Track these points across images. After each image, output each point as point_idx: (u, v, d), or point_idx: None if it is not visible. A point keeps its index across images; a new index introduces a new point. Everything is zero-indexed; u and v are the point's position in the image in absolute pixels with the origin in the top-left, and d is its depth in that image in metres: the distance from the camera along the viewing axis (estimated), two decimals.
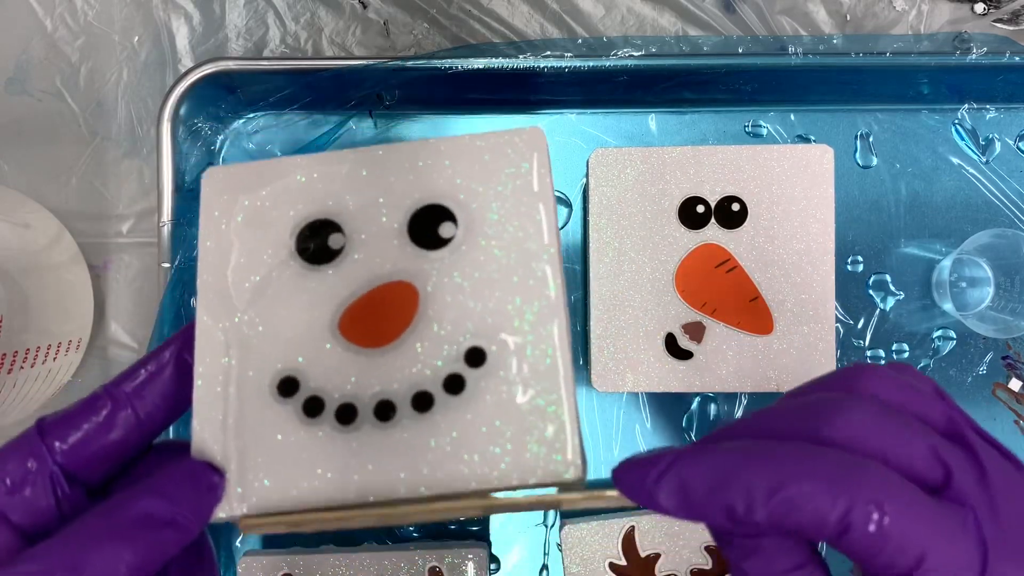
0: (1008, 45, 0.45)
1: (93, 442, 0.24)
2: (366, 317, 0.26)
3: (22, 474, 0.23)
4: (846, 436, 0.21)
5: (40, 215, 0.47)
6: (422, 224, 0.27)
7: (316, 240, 0.27)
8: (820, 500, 0.20)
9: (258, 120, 0.48)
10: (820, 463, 0.20)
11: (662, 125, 0.48)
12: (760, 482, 0.20)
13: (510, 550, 0.47)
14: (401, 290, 0.26)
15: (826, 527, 0.20)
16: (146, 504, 0.22)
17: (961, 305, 0.47)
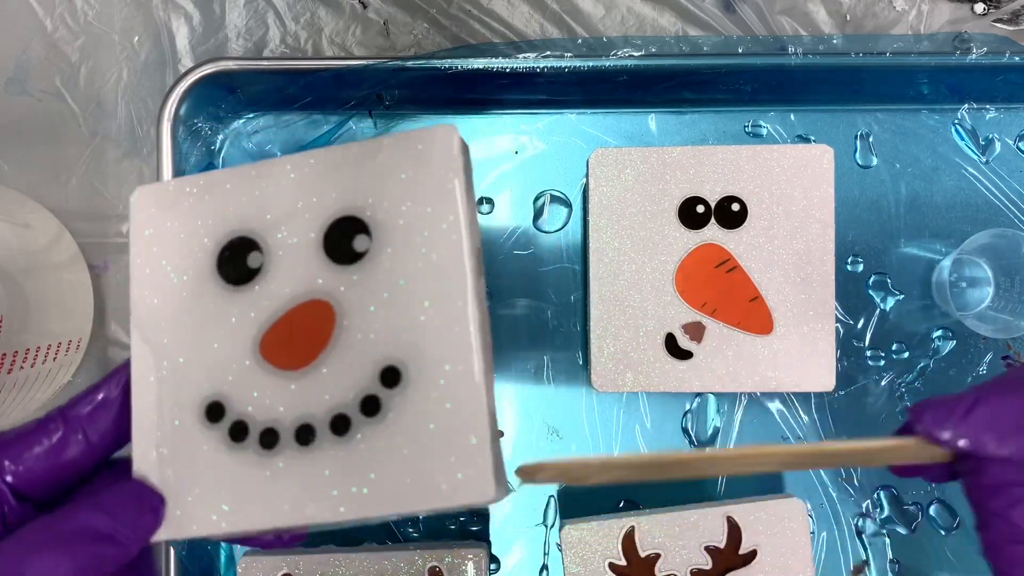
0: (1008, 45, 0.45)
1: (43, 463, 0.25)
2: (284, 339, 0.25)
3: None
4: None
5: (40, 215, 0.47)
6: (336, 238, 0.26)
7: (236, 260, 0.26)
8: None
9: (258, 120, 0.48)
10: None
11: (662, 125, 0.48)
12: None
13: (510, 550, 0.47)
14: (317, 309, 0.25)
15: None
16: (87, 518, 0.23)
17: (961, 305, 0.47)
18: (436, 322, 0.24)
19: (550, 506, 0.47)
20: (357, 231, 0.25)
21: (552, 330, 0.47)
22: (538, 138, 0.48)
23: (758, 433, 0.47)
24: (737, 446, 0.24)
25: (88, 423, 0.26)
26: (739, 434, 0.47)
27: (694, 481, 0.47)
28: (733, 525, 0.43)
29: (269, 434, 0.25)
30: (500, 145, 0.48)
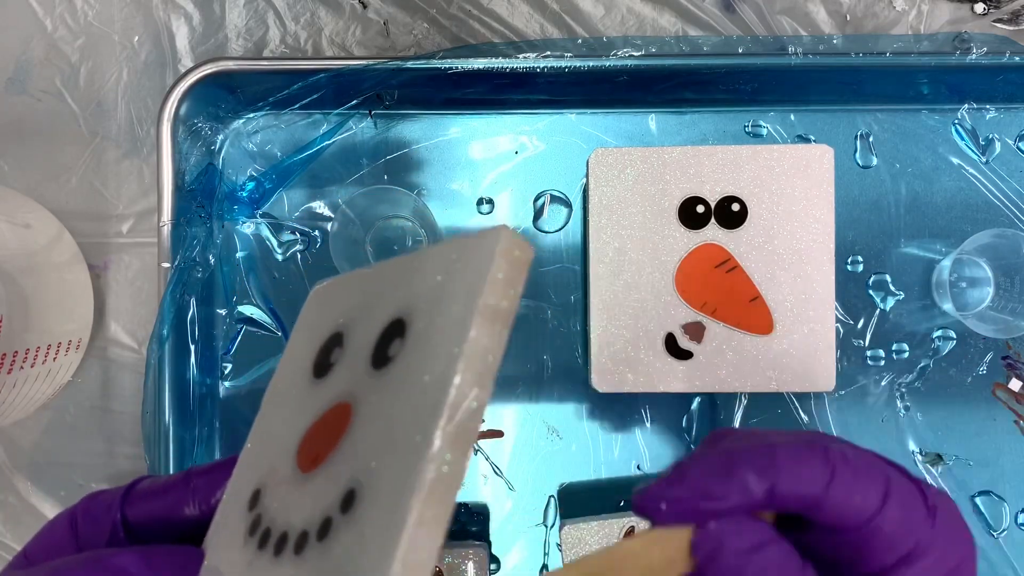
0: (1008, 45, 0.45)
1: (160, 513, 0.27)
2: (313, 439, 0.24)
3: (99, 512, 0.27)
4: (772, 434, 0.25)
5: (40, 215, 0.47)
6: (382, 341, 0.23)
7: (323, 354, 0.26)
8: (806, 456, 0.23)
9: (258, 120, 0.48)
10: (792, 441, 0.24)
11: (662, 125, 0.48)
12: (760, 459, 0.23)
13: (510, 550, 0.47)
14: (341, 412, 0.23)
15: (818, 477, 0.23)
16: (130, 560, 0.24)
17: (961, 305, 0.47)
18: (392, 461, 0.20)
19: (550, 506, 0.47)
20: (396, 335, 0.23)
21: (552, 330, 0.47)
22: (538, 138, 0.48)
23: None
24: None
25: (203, 489, 0.27)
26: None
27: None
28: None
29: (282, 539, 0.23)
30: (500, 145, 0.48)
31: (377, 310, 0.24)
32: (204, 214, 0.46)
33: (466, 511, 0.47)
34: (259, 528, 0.24)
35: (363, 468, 0.21)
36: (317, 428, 0.24)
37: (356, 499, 0.21)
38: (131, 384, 0.49)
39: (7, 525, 0.49)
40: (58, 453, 0.49)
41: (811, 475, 0.23)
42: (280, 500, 0.24)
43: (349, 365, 0.24)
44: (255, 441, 0.27)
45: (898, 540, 0.23)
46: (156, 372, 0.45)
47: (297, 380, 0.27)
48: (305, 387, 0.26)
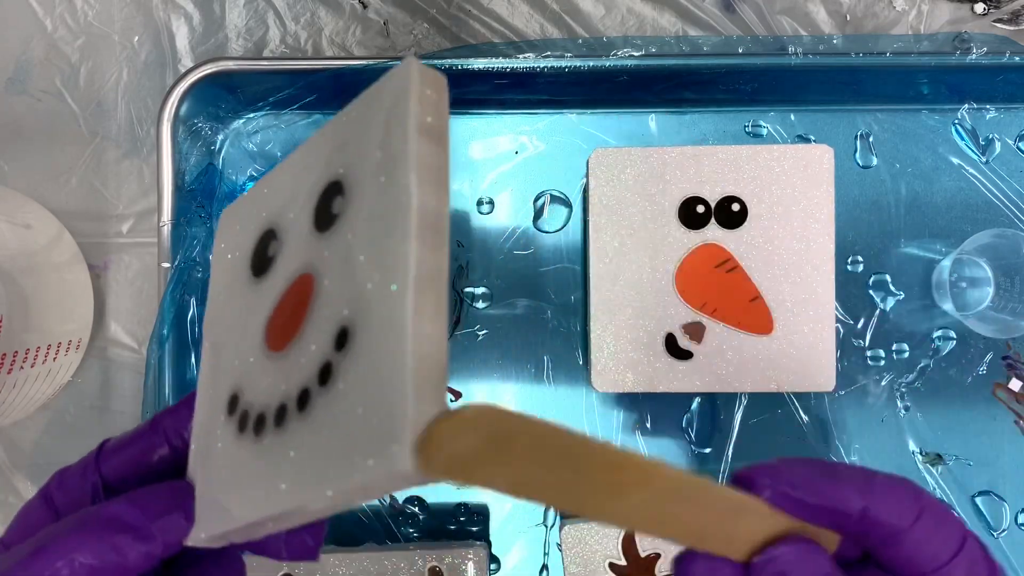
0: (1008, 45, 0.45)
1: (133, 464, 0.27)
2: (279, 320, 0.24)
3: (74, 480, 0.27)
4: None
5: (40, 215, 0.47)
6: (322, 206, 0.24)
7: (259, 252, 0.26)
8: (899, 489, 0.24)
9: (258, 120, 0.48)
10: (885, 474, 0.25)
11: (662, 125, 0.48)
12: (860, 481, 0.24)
13: (510, 550, 0.47)
14: (302, 284, 0.24)
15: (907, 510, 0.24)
16: (119, 509, 0.24)
17: (961, 305, 0.47)
18: (376, 276, 0.21)
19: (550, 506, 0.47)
20: (335, 194, 0.24)
21: (552, 330, 0.47)
22: (538, 138, 0.48)
23: (758, 433, 0.47)
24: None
25: (171, 427, 0.27)
26: (739, 434, 0.47)
27: None
28: None
29: (260, 420, 0.23)
30: (500, 145, 0.48)
31: (304, 189, 0.25)
32: (204, 214, 0.46)
33: (466, 511, 0.47)
34: (248, 420, 0.24)
35: (348, 304, 0.22)
36: (281, 308, 0.24)
37: (351, 333, 0.21)
38: (131, 384, 0.49)
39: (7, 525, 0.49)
40: (58, 453, 0.49)
41: (901, 509, 0.24)
42: (257, 388, 0.24)
43: (293, 245, 0.25)
44: (210, 365, 0.27)
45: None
46: (156, 372, 0.45)
47: (237, 291, 0.27)
48: (250, 289, 0.26)
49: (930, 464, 0.47)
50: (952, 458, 0.47)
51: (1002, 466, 0.47)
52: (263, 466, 0.23)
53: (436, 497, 0.47)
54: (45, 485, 0.27)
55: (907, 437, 0.47)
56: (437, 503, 0.47)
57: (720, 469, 0.47)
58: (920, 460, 0.47)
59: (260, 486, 0.22)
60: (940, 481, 0.47)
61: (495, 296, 0.47)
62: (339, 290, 0.22)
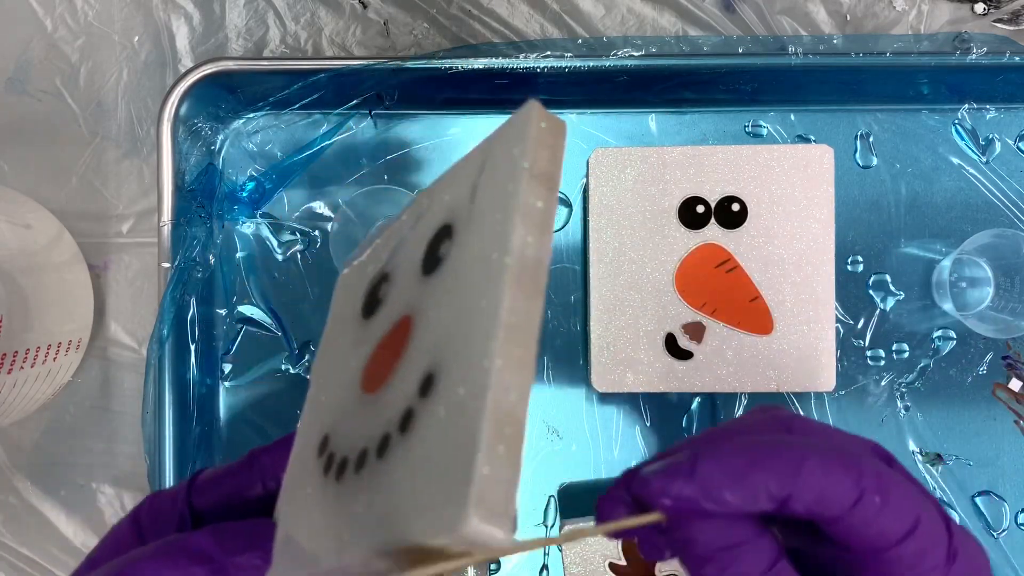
0: (1008, 45, 0.45)
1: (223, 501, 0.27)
2: (376, 363, 0.23)
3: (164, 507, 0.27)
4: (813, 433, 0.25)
5: (40, 215, 0.47)
6: (431, 249, 0.23)
7: (371, 294, 0.26)
8: (837, 474, 0.22)
9: (258, 120, 0.48)
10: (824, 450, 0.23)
11: (662, 125, 0.48)
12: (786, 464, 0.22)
13: None
14: (402, 327, 0.23)
15: (843, 496, 0.22)
16: (201, 540, 0.24)
17: (961, 305, 0.47)
18: (466, 319, 0.20)
19: (550, 506, 0.47)
20: (444, 238, 0.23)
21: (552, 330, 0.47)
22: None
23: None
24: None
25: (268, 466, 0.27)
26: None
27: None
28: None
29: (343, 464, 0.22)
30: None
31: (419, 233, 0.24)
32: (204, 214, 0.46)
33: None
34: (332, 465, 0.23)
35: (438, 351, 0.20)
36: (379, 351, 0.24)
37: (435, 380, 0.20)
38: (131, 384, 0.49)
39: (7, 525, 0.49)
40: (58, 453, 0.49)
41: (834, 495, 0.22)
42: (347, 430, 0.23)
43: (400, 287, 0.24)
44: (311, 406, 0.26)
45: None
46: (156, 372, 0.45)
47: (346, 332, 0.26)
48: (356, 330, 0.25)
49: (930, 464, 0.47)
50: (952, 458, 0.47)
51: (1002, 466, 0.47)
52: (337, 508, 0.22)
53: None
54: (137, 507, 0.27)
55: (907, 437, 0.47)
56: None
57: None
58: (920, 460, 0.47)
59: (333, 528, 0.21)
60: (940, 481, 0.47)
61: None
62: (432, 334, 0.21)
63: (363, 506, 0.21)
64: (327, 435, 0.24)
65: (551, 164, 0.21)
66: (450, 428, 0.19)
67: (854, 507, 0.22)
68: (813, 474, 0.22)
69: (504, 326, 0.19)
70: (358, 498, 0.21)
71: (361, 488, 0.21)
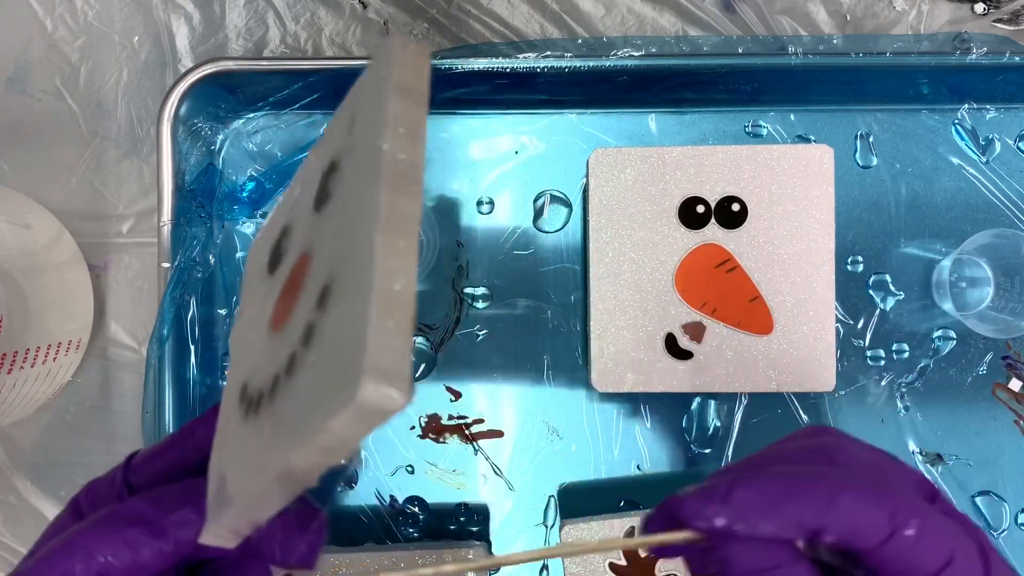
0: (1008, 45, 0.45)
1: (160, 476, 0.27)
2: (281, 304, 0.25)
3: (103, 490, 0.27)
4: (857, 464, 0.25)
5: (40, 215, 0.47)
6: (320, 188, 0.25)
7: (275, 250, 0.27)
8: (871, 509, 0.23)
9: (258, 120, 0.48)
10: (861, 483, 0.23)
11: (662, 125, 0.48)
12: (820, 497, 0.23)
13: (510, 550, 0.47)
14: (301, 264, 0.24)
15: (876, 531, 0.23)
16: (138, 505, 0.24)
17: (961, 305, 0.47)
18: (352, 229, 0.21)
19: (550, 506, 0.47)
20: (332, 172, 0.24)
21: (552, 330, 0.47)
22: (538, 138, 0.48)
23: (758, 433, 0.47)
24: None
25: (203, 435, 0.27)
26: (739, 434, 0.47)
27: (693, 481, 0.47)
28: None
29: (259, 398, 0.23)
30: (500, 145, 0.48)
31: (310, 180, 0.25)
32: (204, 214, 0.46)
33: (466, 511, 0.47)
34: (251, 406, 0.24)
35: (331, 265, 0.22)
36: (283, 293, 0.25)
37: (327, 292, 0.21)
38: (131, 384, 0.49)
39: (7, 525, 0.49)
40: (58, 453, 0.49)
41: (867, 529, 0.23)
42: (260, 369, 0.24)
43: (298, 233, 0.25)
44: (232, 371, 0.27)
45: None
46: (156, 372, 0.45)
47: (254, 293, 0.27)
48: (263, 286, 0.27)
49: (930, 464, 0.47)
50: (952, 458, 0.47)
51: (1002, 466, 0.47)
52: (257, 438, 0.23)
53: (436, 497, 0.47)
54: (75, 496, 0.27)
55: (907, 437, 0.47)
56: (437, 503, 0.47)
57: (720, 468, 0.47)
58: (920, 460, 0.47)
59: (255, 459, 0.22)
60: (940, 481, 0.47)
61: (495, 296, 0.47)
62: (326, 258, 0.23)
63: (275, 422, 0.22)
64: (244, 384, 0.25)
65: (416, 80, 0.22)
66: (343, 322, 0.20)
67: (886, 542, 0.23)
68: (846, 508, 0.23)
69: (384, 219, 0.20)
70: (274, 415, 0.22)
71: (275, 407, 0.22)
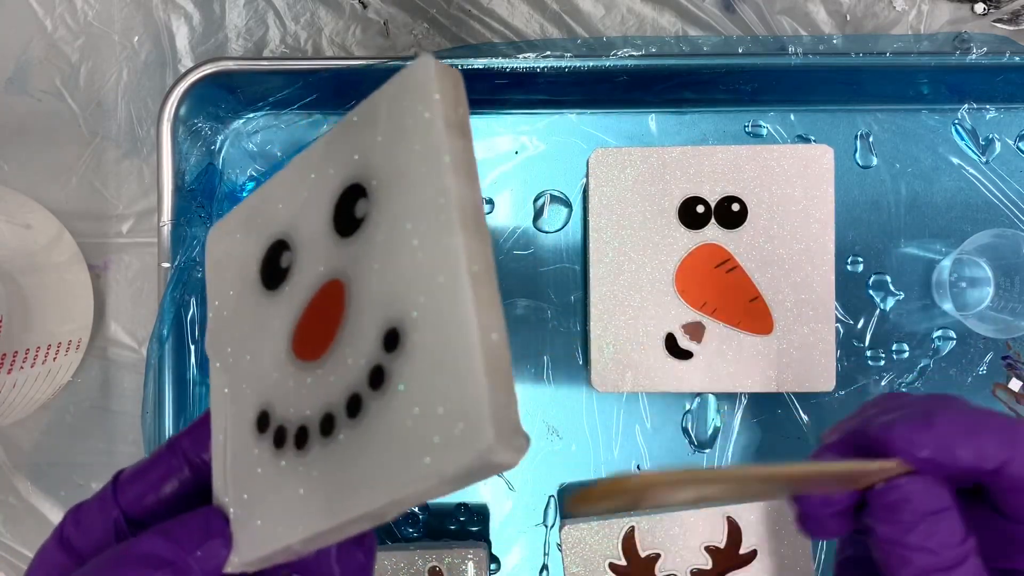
0: (1008, 45, 0.45)
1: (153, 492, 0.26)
2: (308, 331, 0.24)
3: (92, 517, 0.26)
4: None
5: (40, 215, 0.47)
6: (342, 210, 0.24)
7: (271, 264, 0.26)
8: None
9: (258, 120, 0.48)
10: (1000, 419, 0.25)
11: (662, 125, 0.48)
12: (1005, 432, 0.24)
13: (510, 550, 0.47)
14: (332, 291, 0.24)
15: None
16: (151, 544, 0.23)
17: (961, 305, 0.47)
18: (428, 270, 0.21)
19: (550, 506, 0.47)
20: (357, 197, 0.23)
21: (552, 330, 0.47)
22: (538, 138, 0.48)
23: (758, 433, 0.47)
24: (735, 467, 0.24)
25: (191, 449, 0.26)
26: (739, 434, 0.47)
27: None
28: (733, 525, 0.43)
29: (301, 434, 0.23)
30: (500, 145, 0.48)
31: (316, 196, 0.25)
32: (204, 214, 0.46)
33: (466, 511, 0.47)
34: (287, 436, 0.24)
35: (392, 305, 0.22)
36: (309, 318, 0.24)
37: (401, 332, 0.21)
38: (131, 384, 0.49)
39: (7, 525, 0.49)
40: (58, 453, 0.49)
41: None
42: (298, 399, 0.24)
43: (312, 253, 0.25)
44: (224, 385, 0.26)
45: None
46: (156, 372, 0.45)
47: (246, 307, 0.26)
48: (263, 303, 0.26)
49: None
50: None
51: None
52: (316, 478, 0.22)
53: None
54: (59, 526, 0.26)
55: None
56: (437, 503, 0.47)
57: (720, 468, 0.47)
58: None
59: (314, 499, 0.22)
60: None
61: None
62: (378, 292, 0.22)
63: (356, 461, 0.22)
64: (264, 411, 0.25)
65: (461, 114, 0.23)
66: (441, 372, 0.21)
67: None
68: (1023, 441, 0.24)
69: (468, 271, 0.20)
70: (343, 457, 0.22)
71: (342, 449, 0.22)
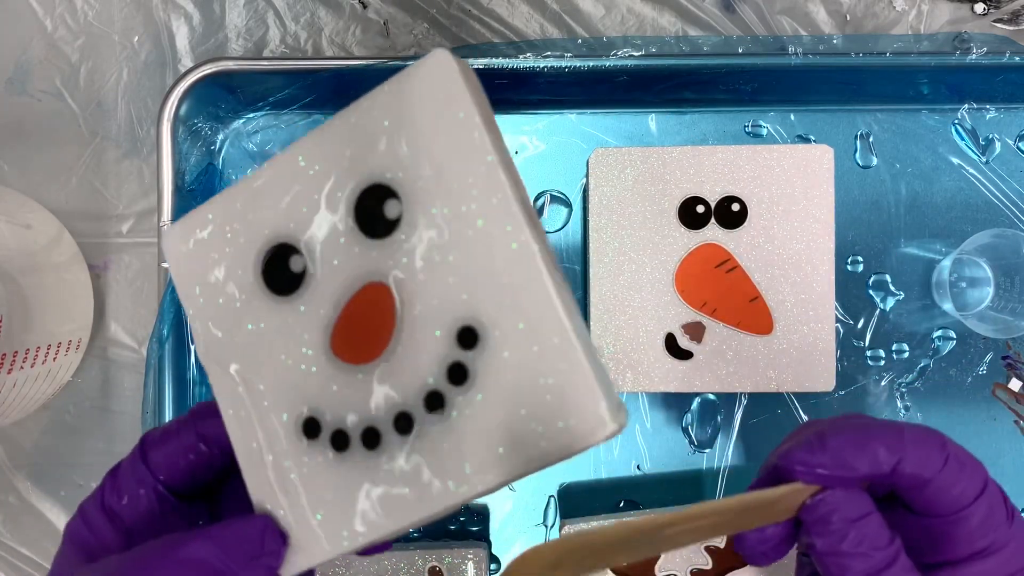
0: (1008, 45, 0.45)
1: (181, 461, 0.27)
2: (352, 334, 0.24)
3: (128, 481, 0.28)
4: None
5: (40, 215, 0.47)
6: (366, 213, 0.24)
7: (279, 270, 0.25)
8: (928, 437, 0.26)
9: (258, 120, 0.48)
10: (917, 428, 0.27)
11: (662, 125, 0.48)
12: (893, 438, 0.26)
13: (510, 550, 0.47)
14: (374, 293, 0.24)
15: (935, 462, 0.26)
16: (200, 549, 0.24)
17: (961, 305, 0.47)
18: (497, 265, 0.22)
19: (550, 506, 0.47)
20: (384, 198, 0.23)
21: None
22: (538, 138, 0.48)
23: (758, 433, 0.47)
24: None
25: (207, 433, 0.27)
26: (739, 434, 0.47)
27: (693, 481, 0.47)
28: None
29: (370, 435, 0.24)
30: None
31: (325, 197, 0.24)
32: None
33: (466, 511, 0.47)
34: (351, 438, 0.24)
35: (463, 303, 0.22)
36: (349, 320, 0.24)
37: (479, 330, 0.22)
38: (131, 384, 0.49)
39: (7, 525, 0.49)
40: (58, 453, 0.49)
41: (929, 459, 0.26)
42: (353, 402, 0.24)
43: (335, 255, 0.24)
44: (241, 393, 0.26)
45: (979, 534, 0.26)
46: (156, 372, 0.45)
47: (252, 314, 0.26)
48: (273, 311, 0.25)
49: None
50: None
51: (1002, 466, 0.47)
52: (407, 473, 0.23)
53: None
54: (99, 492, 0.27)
55: None
56: None
57: (720, 468, 0.47)
58: None
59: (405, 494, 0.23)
60: None
61: None
62: (441, 292, 0.23)
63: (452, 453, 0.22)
64: (311, 417, 0.25)
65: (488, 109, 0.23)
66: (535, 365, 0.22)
67: (943, 469, 0.26)
68: (912, 442, 0.26)
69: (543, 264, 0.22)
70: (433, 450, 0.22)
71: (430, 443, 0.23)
